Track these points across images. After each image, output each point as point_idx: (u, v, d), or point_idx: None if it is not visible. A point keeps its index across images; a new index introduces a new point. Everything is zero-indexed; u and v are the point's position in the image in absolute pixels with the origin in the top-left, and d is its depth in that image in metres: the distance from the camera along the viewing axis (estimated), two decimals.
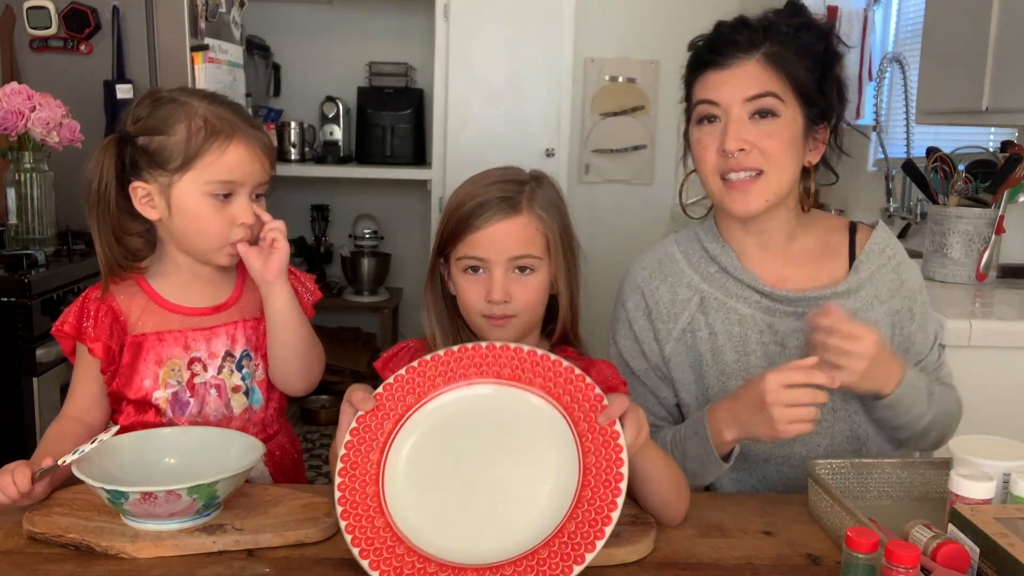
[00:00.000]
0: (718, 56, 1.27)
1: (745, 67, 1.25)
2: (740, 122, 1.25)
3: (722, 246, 1.36)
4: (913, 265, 1.39)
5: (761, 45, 1.25)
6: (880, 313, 1.33)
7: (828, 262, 1.36)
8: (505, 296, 1.15)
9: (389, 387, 1.06)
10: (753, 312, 1.33)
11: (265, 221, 1.24)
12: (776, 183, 1.27)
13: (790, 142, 1.26)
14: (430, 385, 1.06)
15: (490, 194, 1.17)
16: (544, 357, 1.06)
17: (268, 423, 1.33)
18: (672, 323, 1.36)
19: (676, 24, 3.95)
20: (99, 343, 1.22)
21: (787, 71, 1.25)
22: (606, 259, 4.16)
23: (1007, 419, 1.76)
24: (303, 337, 1.28)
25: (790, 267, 1.36)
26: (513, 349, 1.07)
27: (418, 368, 1.07)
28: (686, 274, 1.37)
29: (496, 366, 1.06)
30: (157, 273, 1.28)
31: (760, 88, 1.24)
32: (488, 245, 1.15)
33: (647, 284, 1.38)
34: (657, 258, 1.41)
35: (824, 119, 1.30)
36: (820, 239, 1.38)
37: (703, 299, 1.35)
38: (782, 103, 1.25)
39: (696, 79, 1.30)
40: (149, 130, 1.20)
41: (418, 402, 1.05)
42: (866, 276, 1.34)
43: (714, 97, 1.26)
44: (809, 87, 1.26)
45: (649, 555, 1.04)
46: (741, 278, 1.34)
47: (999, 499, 1.02)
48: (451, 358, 1.07)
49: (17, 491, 1.04)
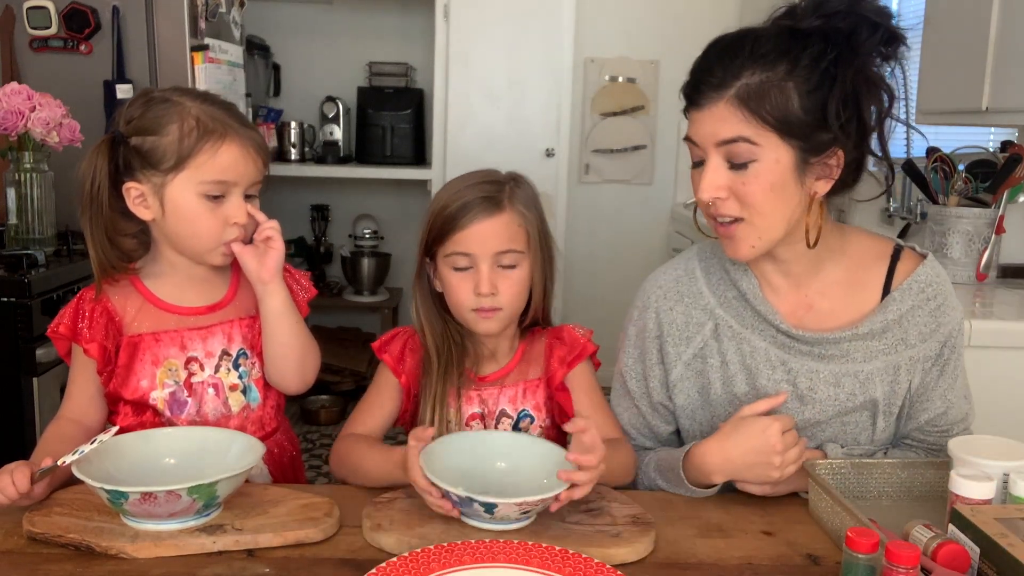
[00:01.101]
0: (694, 93, 1.15)
1: (715, 108, 1.12)
2: (716, 169, 1.14)
3: (745, 270, 1.26)
4: (955, 310, 1.26)
5: (735, 81, 1.10)
6: (904, 358, 1.23)
7: (858, 293, 1.25)
8: (492, 288, 1.24)
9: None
10: (768, 346, 1.25)
11: (260, 221, 1.25)
12: (761, 228, 1.16)
13: (771, 186, 1.12)
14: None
15: (473, 194, 1.25)
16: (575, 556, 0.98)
17: (266, 421, 1.33)
18: (684, 347, 1.29)
19: (676, 24, 3.96)
20: (94, 344, 1.22)
21: (762, 111, 1.09)
22: (606, 259, 4.19)
23: (1007, 419, 1.77)
24: (298, 336, 1.28)
25: (814, 297, 1.26)
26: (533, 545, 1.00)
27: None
28: (703, 295, 1.29)
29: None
30: (152, 273, 1.28)
31: (729, 132, 1.11)
32: (474, 241, 1.23)
33: (661, 304, 1.31)
34: (675, 276, 1.32)
35: (835, 144, 1.13)
36: (853, 265, 1.26)
37: (717, 325, 1.27)
38: (756, 147, 1.11)
39: (687, 114, 1.19)
40: (142, 130, 1.20)
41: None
42: (895, 317, 1.22)
43: (693, 137, 1.16)
44: (803, 118, 1.10)
45: (649, 555, 1.04)
46: (759, 309, 1.25)
47: (999, 499, 1.02)
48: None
49: (16, 491, 1.04)
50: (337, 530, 1.07)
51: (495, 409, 1.31)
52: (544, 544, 0.99)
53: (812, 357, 1.24)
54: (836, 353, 1.23)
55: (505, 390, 1.32)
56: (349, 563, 1.00)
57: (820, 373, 1.24)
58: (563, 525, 1.08)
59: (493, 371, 1.33)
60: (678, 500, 1.21)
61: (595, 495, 1.14)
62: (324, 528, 1.06)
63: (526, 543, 0.99)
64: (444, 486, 1.03)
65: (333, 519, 1.07)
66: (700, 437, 1.26)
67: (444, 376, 1.28)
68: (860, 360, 1.23)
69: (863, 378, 1.23)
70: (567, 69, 3.81)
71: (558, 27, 3.78)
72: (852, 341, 1.23)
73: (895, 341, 1.23)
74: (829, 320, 1.25)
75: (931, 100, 2.30)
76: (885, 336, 1.23)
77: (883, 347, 1.23)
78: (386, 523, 1.06)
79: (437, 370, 1.28)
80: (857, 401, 1.24)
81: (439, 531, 1.05)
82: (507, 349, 1.34)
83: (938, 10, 2.27)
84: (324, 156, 3.94)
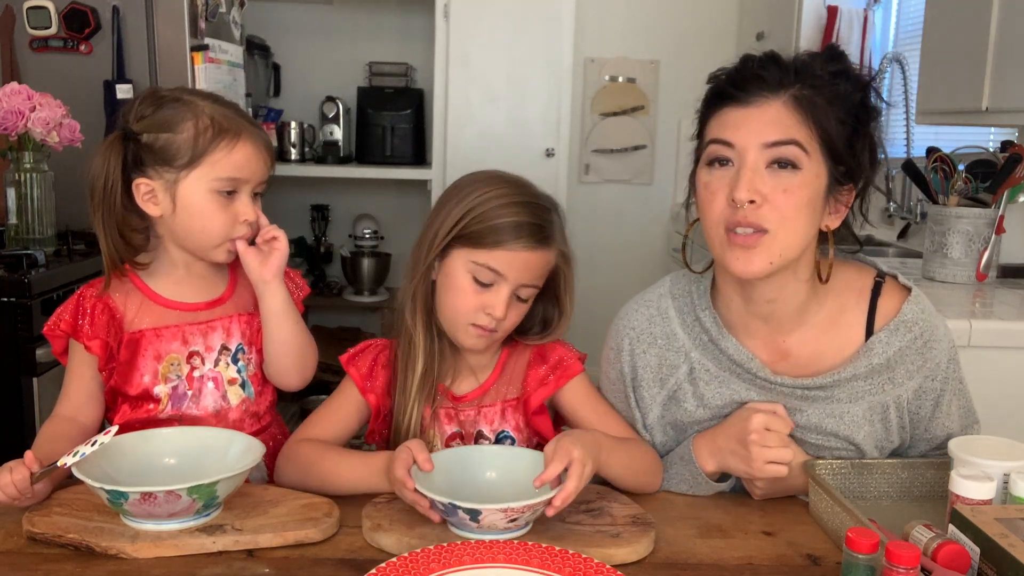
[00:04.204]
0: (740, 91, 1.12)
1: (769, 107, 1.10)
2: (755, 170, 1.10)
3: (714, 318, 1.24)
4: (944, 342, 1.22)
5: (791, 86, 1.10)
6: (890, 398, 1.21)
7: (839, 336, 1.21)
8: (505, 315, 1.19)
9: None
10: (747, 388, 1.22)
11: (262, 224, 1.26)
12: (784, 245, 1.11)
13: (808, 201, 1.11)
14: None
15: (525, 216, 1.18)
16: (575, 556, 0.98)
17: (262, 415, 1.34)
18: (657, 388, 1.27)
19: (676, 24, 3.97)
20: (97, 340, 1.23)
21: (816, 119, 1.10)
22: (606, 259, 4.19)
23: (1007, 419, 1.77)
24: (297, 334, 1.30)
25: (792, 343, 1.22)
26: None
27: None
28: (677, 337, 1.26)
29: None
30: (151, 271, 1.29)
31: (783, 134, 1.09)
32: (513, 267, 1.18)
33: (636, 348, 1.28)
34: (648, 315, 1.29)
35: (851, 180, 1.14)
36: (835, 303, 1.22)
37: (692, 369, 1.25)
38: (806, 155, 1.10)
39: (712, 115, 1.15)
40: (155, 127, 1.21)
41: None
42: (881, 361, 1.19)
43: (730, 138, 1.11)
44: (839, 141, 1.11)
45: (649, 555, 1.04)
46: (734, 357, 1.22)
47: (999, 499, 1.02)
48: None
49: (16, 491, 1.05)
50: (337, 530, 1.07)
51: (472, 431, 1.27)
52: (544, 544, 0.99)
53: (795, 398, 1.21)
54: (820, 395, 1.21)
55: (484, 410, 1.27)
56: (349, 563, 1.00)
57: (804, 412, 1.21)
58: (563, 525, 1.08)
59: (471, 388, 1.28)
60: (678, 500, 1.21)
61: (595, 495, 1.14)
62: (324, 528, 1.06)
63: (526, 543, 0.99)
64: (429, 495, 1.02)
65: (333, 519, 1.07)
66: None
67: (424, 393, 1.23)
68: (845, 401, 1.21)
69: (848, 419, 1.21)
70: (567, 69, 3.81)
71: (558, 27, 3.78)
72: (835, 386, 1.20)
73: (882, 381, 1.21)
74: (809, 367, 1.22)
75: (931, 100, 2.30)
76: (870, 379, 1.20)
77: (869, 388, 1.21)
78: (386, 523, 1.06)
79: (420, 386, 1.23)
80: (840, 441, 1.22)
81: (439, 531, 1.05)
82: (487, 364, 1.29)
83: (938, 10, 2.27)
84: (324, 156, 3.93)
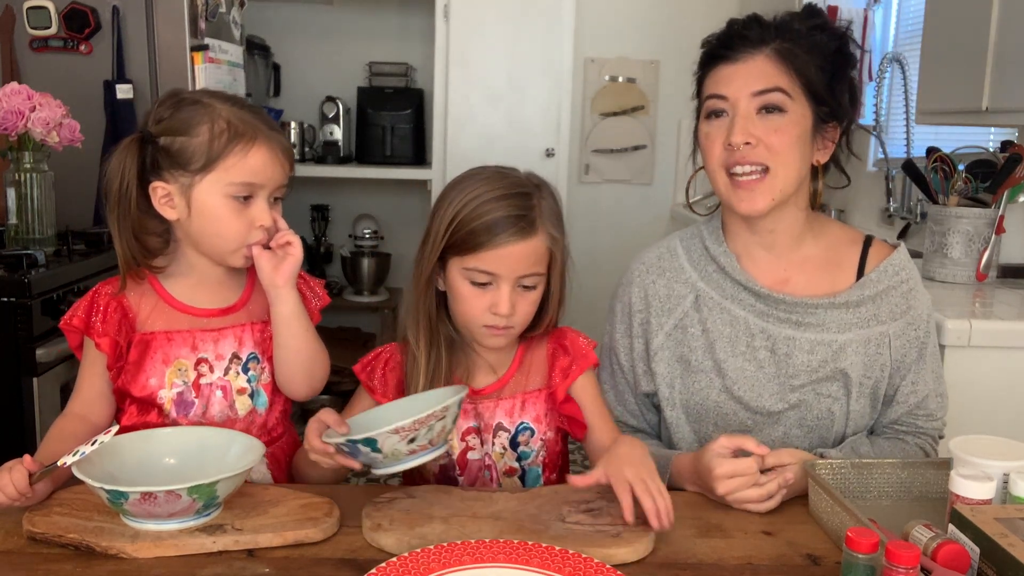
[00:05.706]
0: (728, 50, 1.28)
1: (754, 61, 1.27)
2: (747, 116, 1.26)
3: (723, 248, 1.37)
4: (926, 296, 1.37)
5: (771, 41, 1.27)
6: (875, 333, 1.32)
7: (833, 273, 1.35)
8: (511, 310, 1.20)
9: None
10: (747, 315, 1.34)
11: (280, 227, 1.26)
12: (782, 180, 1.27)
13: (797, 138, 1.26)
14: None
15: (502, 211, 1.18)
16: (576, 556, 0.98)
17: (272, 426, 1.33)
18: (665, 317, 1.38)
19: (676, 24, 3.96)
20: (107, 338, 1.22)
21: (796, 67, 1.26)
22: (606, 259, 4.17)
23: (1007, 419, 1.77)
24: (307, 343, 1.28)
25: (792, 271, 1.36)
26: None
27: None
28: (684, 270, 1.39)
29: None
30: (169, 273, 1.28)
31: (767, 83, 1.25)
32: (501, 264, 1.18)
33: (645, 278, 1.41)
34: (657, 253, 1.42)
35: (834, 119, 1.30)
36: (829, 248, 1.37)
37: (698, 297, 1.36)
38: (789, 99, 1.26)
39: (707, 75, 1.32)
40: (171, 131, 1.20)
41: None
42: (871, 294, 1.32)
43: (722, 91, 1.28)
44: (819, 85, 1.27)
45: (649, 555, 1.04)
46: (739, 279, 1.34)
47: (999, 499, 1.02)
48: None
49: (16, 491, 1.04)
50: (337, 530, 1.07)
51: (491, 423, 1.27)
52: (544, 544, 0.99)
53: (790, 325, 1.32)
54: (812, 322, 1.32)
55: (502, 403, 1.28)
56: (349, 563, 1.00)
57: (796, 340, 1.31)
58: (563, 525, 1.07)
59: (490, 382, 1.29)
60: (678, 500, 1.21)
61: (595, 495, 1.14)
62: (324, 528, 1.06)
63: (526, 543, 0.99)
64: (331, 441, 1.05)
65: (333, 519, 1.07)
66: (679, 406, 1.36)
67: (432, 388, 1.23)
68: (835, 330, 1.31)
69: (836, 348, 1.31)
70: (567, 69, 3.81)
71: (558, 27, 3.78)
72: (828, 310, 1.31)
73: (868, 316, 1.32)
74: (806, 291, 1.34)
75: (931, 100, 2.30)
76: (860, 309, 1.32)
77: (857, 320, 1.32)
78: (386, 523, 1.06)
79: (423, 384, 1.23)
80: (829, 369, 1.31)
81: (439, 531, 1.05)
82: (505, 358, 1.30)
83: (938, 10, 2.27)
84: (324, 156, 3.93)
